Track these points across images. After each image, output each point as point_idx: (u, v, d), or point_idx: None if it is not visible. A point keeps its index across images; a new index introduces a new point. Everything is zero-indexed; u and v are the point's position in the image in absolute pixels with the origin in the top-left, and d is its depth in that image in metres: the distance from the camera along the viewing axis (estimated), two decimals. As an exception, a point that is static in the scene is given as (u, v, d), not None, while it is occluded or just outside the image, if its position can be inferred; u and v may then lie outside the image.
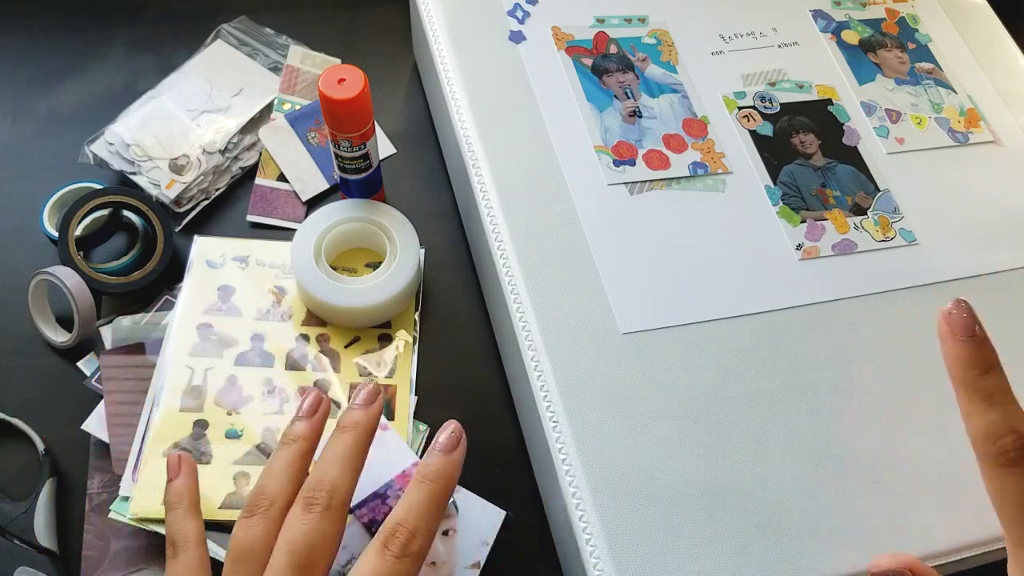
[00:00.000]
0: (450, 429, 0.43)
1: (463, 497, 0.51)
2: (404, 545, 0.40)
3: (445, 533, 0.50)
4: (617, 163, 0.55)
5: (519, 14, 0.60)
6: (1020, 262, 0.55)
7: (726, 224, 0.54)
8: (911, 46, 0.64)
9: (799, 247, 0.53)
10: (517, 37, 0.59)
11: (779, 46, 0.62)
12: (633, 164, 0.55)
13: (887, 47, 0.63)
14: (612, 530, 0.44)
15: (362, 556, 0.40)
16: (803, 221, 0.55)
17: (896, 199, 0.56)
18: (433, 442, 0.43)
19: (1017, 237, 0.56)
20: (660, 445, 0.46)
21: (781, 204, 0.55)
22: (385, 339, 0.56)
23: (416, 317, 0.57)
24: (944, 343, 0.39)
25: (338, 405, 0.53)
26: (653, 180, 0.55)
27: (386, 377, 0.54)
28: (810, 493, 0.46)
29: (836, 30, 0.64)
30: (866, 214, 0.55)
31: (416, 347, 0.56)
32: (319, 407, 0.45)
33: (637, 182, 0.55)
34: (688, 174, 0.55)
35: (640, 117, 0.57)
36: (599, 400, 0.47)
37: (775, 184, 0.56)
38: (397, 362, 0.55)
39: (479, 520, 0.50)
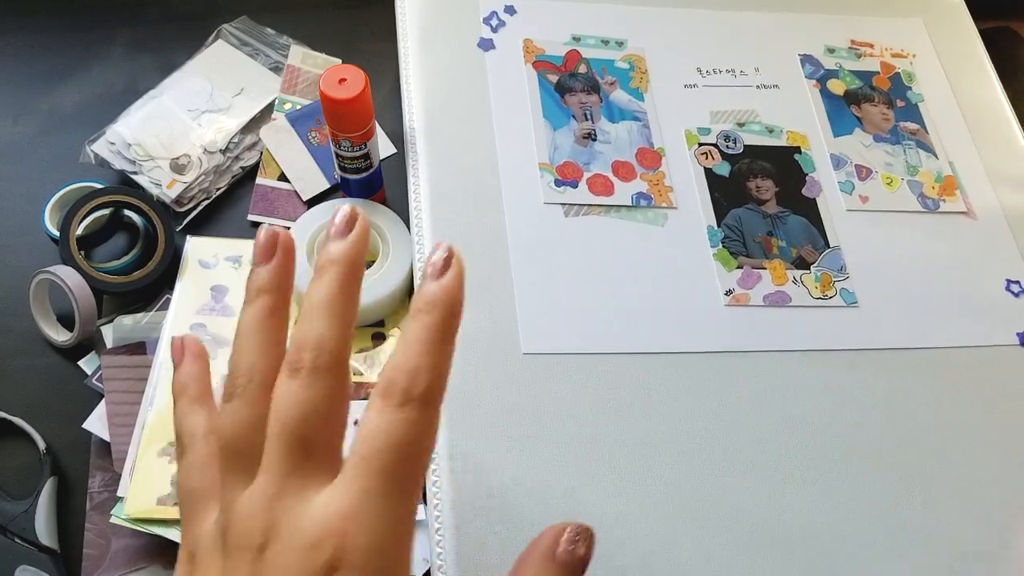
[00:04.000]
0: (438, 250, 0.33)
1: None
2: (406, 390, 0.30)
3: None
4: (559, 183, 0.54)
5: (494, 22, 0.60)
6: (962, 341, 0.53)
7: (658, 259, 0.53)
8: (900, 104, 0.62)
9: (728, 292, 0.53)
10: (486, 45, 0.59)
11: (757, 87, 0.61)
12: (575, 186, 0.55)
13: (873, 101, 0.62)
14: (464, 550, 0.43)
15: (361, 418, 0.30)
16: (739, 267, 0.54)
17: (845, 258, 0.55)
18: (423, 272, 0.32)
19: (966, 315, 0.55)
20: (532, 473, 0.45)
21: (720, 247, 0.54)
22: (378, 338, 0.56)
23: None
24: None
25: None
26: (592, 205, 0.54)
27: (380, 376, 0.54)
28: (676, 545, 0.45)
29: (823, 78, 0.62)
30: (808, 269, 0.54)
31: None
32: (276, 245, 0.35)
33: (575, 205, 0.54)
34: (630, 204, 0.55)
35: (594, 140, 0.57)
36: (482, 416, 0.46)
37: (719, 226, 0.55)
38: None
39: (422, 537, 0.47)
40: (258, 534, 0.30)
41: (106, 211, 0.57)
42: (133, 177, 0.60)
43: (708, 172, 0.57)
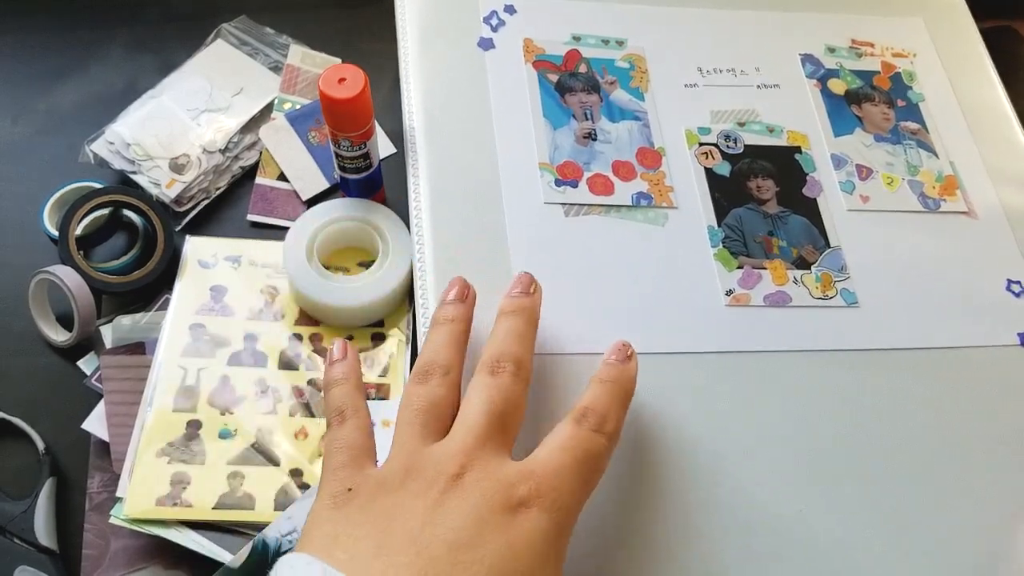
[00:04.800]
0: (622, 347, 0.45)
1: None
2: (599, 424, 0.41)
3: None
4: (559, 183, 0.54)
5: (494, 22, 0.60)
6: (962, 341, 0.53)
7: (658, 259, 0.53)
8: (900, 103, 0.62)
9: (729, 292, 0.52)
10: (486, 44, 0.59)
11: (758, 86, 0.61)
12: (575, 186, 0.54)
13: (874, 101, 0.62)
14: None
15: (556, 431, 0.41)
16: (740, 267, 0.53)
17: (846, 258, 0.55)
18: (605, 358, 0.45)
19: (967, 315, 0.54)
20: None
21: (721, 247, 0.54)
22: (378, 338, 0.56)
23: (409, 316, 0.56)
24: None
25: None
26: (592, 205, 0.54)
27: (379, 376, 0.54)
28: (674, 546, 0.45)
29: (823, 77, 0.62)
30: (809, 269, 0.54)
31: (409, 346, 0.56)
32: (467, 295, 0.46)
33: (575, 204, 0.54)
34: (630, 204, 0.54)
35: (594, 140, 0.56)
36: None
37: (719, 226, 0.55)
38: (391, 361, 0.55)
39: None
40: (455, 466, 0.38)
41: (105, 211, 0.57)
42: (132, 177, 0.60)
43: (708, 172, 0.56)
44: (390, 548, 0.36)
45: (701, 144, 0.57)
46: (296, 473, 0.50)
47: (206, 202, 0.60)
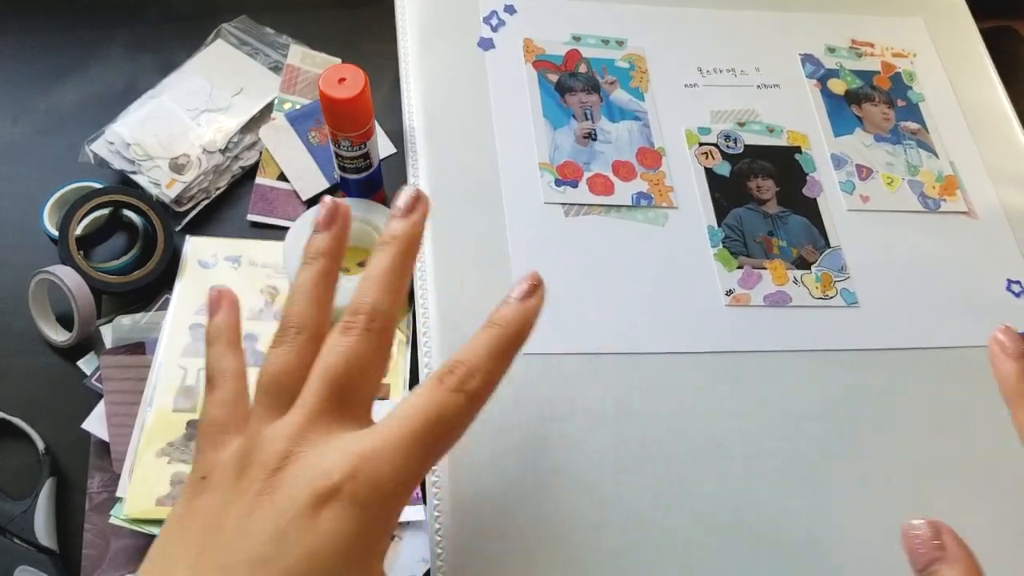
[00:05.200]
0: (528, 280, 0.38)
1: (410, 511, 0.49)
2: (462, 381, 0.35)
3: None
4: (559, 183, 0.55)
5: (494, 22, 0.60)
6: (962, 341, 0.53)
7: (658, 259, 0.53)
8: (900, 103, 0.62)
9: (729, 292, 0.53)
10: (486, 44, 0.59)
11: (758, 86, 0.61)
12: (575, 186, 0.55)
13: (874, 101, 0.62)
14: (463, 551, 0.43)
15: (412, 391, 0.35)
16: (740, 267, 0.54)
17: (846, 258, 0.55)
18: (508, 294, 0.38)
19: (967, 315, 0.54)
20: (531, 474, 0.45)
21: (721, 247, 0.54)
22: (379, 338, 0.55)
23: (409, 316, 0.56)
24: (995, 365, 0.39)
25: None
26: (592, 205, 0.54)
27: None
28: (676, 546, 0.45)
29: (823, 77, 0.62)
30: (809, 269, 0.54)
31: (409, 346, 0.56)
32: (337, 215, 0.40)
33: (575, 204, 0.54)
34: (630, 204, 0.55)
35: (594, 140, 0.57)
36: (481, 416, 0.43)
37: (719, 226, 0.55)
38: (390, 362, 0.55)
39: (421, 537, 0.49)
40: (277, 458, 0.33)
41: (105, 211, 0.57)
42: (132, 177, 0.60)
43: (708, 172, 0.57)
44: (199, 570, 0.32)
45: (701, 144, 0.57)
46: (296, 473, 0.50)
47: (206, 202, 0.60)
